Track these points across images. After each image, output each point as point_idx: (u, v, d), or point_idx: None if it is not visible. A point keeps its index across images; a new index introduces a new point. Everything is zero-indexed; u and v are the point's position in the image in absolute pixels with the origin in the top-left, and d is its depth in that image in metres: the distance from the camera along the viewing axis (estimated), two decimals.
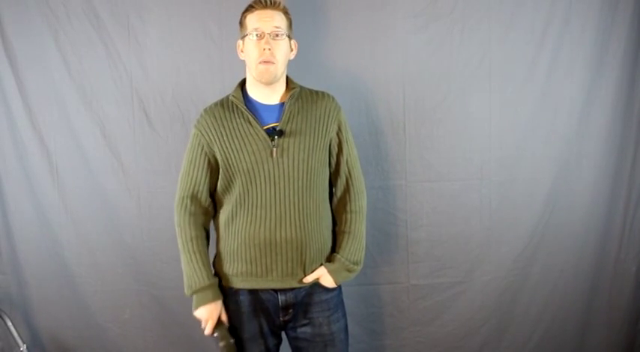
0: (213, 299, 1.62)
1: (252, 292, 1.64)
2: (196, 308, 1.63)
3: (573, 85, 2.13)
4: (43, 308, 2.14)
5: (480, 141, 2.12)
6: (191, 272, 1.63)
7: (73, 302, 2.13)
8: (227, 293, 1.66)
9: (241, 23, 1.65)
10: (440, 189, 2.12)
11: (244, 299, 1.64)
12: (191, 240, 1.64)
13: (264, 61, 1.57)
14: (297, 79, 1.72)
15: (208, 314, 1.62)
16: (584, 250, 2.21)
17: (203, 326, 1.64)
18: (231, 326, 1.67)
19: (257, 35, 1.58)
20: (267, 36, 1.57)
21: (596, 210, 2.20)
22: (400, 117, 2.09)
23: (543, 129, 2.14)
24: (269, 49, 1.57)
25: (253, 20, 1.60)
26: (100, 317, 2.15)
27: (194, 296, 1.64)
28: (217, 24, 2.03)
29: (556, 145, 2.15)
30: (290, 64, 1.71)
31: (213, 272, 1.68)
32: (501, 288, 2.19)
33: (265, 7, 1.60)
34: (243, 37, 1.63)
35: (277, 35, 1.59)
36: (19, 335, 2.04)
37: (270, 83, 1.62)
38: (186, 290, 1.64)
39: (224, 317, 1.65)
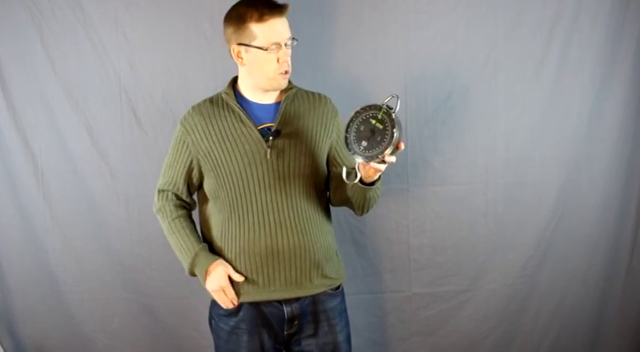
0: (213, 260, 1.57)
1: (254, 306, 1.59)
2: (205, 283, 1.59)
3: (583, 83, 2.11)
4: (27, 318, 2.11)
5: (486, 143, 2.11)
6: (180, 249, 1.61)
7: (58, 312, 2.11)
8: (225, 310, 1.62)
9: (241, 28, 1.52)
10: (443, 193, 2.11)
11: (244, 315, 1.59)
12: (174, 220, 1.63)
13: (284, 73, 1.55)
14: (294, 79, 1.68)
15: (217, 281, 1.56)
16: (594, 257, 2.19)
17: (222, 302, 1.58)
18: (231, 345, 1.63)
19: (276, 48, 1.52)
20: (284, 47, 1.53)
21: (608, 215, 2.17)
22: (402, 118, 1.91)
23: (552, 129, 2.12)
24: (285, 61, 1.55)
25: (268, 32, 1.51)
26: (86, 327, 2.12)
27: (196, 272, 1.61)
28: (210, 20, 1.98)
29: (565, 146, 2.13)
30: None
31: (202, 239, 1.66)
32: (508, 297, 2.17)
33: (281, 14, 1.52)
34: (246, 45, 1.53)
35: (293, 43, 1.57)
36: (1, 345, 2.02)
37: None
38: (186, 271, 1.62)
39: (236, 276, 1.57)
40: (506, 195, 2.12)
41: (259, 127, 1.57)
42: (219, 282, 1.55)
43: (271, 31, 1.51)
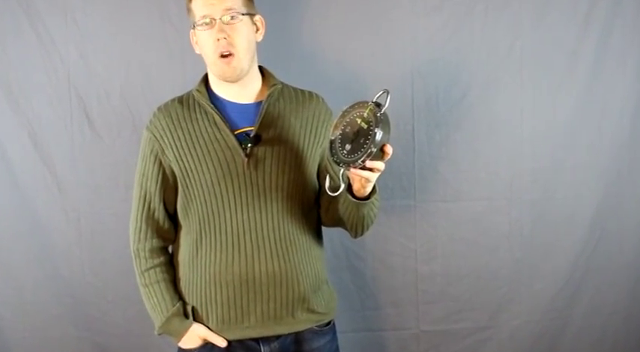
0: (188, 325, 1.52)
1: (226, 347, 1.52)
2: (179, 343, 1.56)
3: (625, 77, 2.00)
4: None
5: (509, 150, 2.01)
6: (152, 307, 1.55)
7: None
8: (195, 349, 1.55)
9: (188, 9, 1.52)
10: (458, 211, 2.02)
11: None
12: (147, 271, 1.55)
13: (221, 54, 1.46)
14: (280, 75, 1.58)
15: (192, 343, 1.52)
16: (638, 287, 2.08)
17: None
18: None
19: (206, 23, 1.46)
20: (218, 22, 1.46)
21: None
22: (408, 120, 1.97)
23: (588, 133, 2.02)
24: (224, 38, 1.45)
25: (199, 5, 1.47)
26: None
27: (167, 334, 1.57)
28: (177, 3, 1.86)
29: (604, 154, 2.03)
30: (271, 55, 1.59)
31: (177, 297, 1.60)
32: (535, 335, 2.07)
33: None
34: (194, 27, 1.52)
35: (232, 17, 1.46)
36: None
37: (236, 80, 1.50)
38: (155, 331, 1.56)
39: (218, 341, 1.50)
40: (534, 213, 2.03)
41: (236, 132, 1.48)
42: (194, 343, 1.51)
43: (201, 2, 1.46)
